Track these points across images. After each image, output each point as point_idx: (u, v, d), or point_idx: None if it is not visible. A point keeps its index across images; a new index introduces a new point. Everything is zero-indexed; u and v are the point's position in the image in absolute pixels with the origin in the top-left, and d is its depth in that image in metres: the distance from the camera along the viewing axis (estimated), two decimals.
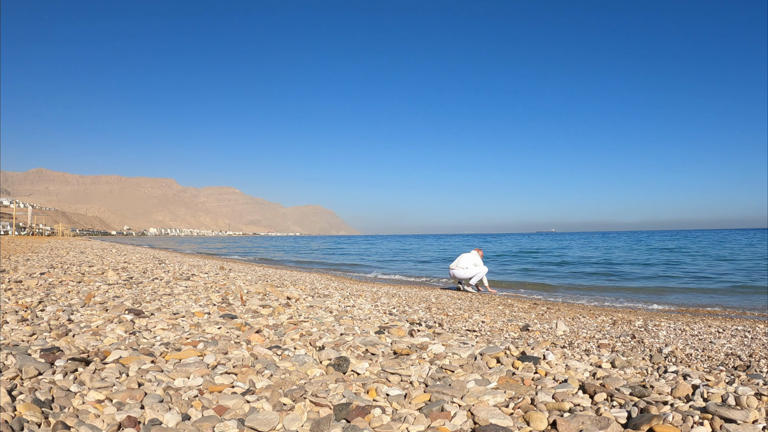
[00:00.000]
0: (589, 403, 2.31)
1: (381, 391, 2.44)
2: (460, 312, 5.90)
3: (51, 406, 2.06)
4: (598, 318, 5.81)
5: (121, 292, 5.32)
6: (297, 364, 2.81)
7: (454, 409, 2.21)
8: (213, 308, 4.54)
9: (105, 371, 2.49)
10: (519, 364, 2.93)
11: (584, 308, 7.27)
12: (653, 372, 2.92)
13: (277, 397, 2.29)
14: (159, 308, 4.43)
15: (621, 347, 3.92)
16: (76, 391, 2.23)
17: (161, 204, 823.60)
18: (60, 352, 2.77)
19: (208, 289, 6.02)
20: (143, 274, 7.77)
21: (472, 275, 9.30)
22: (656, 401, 2.28)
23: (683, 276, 13.43)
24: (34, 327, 3.39)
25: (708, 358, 3.52)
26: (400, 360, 3.00)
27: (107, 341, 3.14)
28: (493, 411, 2.17)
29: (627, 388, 2.46)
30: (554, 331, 4.62)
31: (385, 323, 4.42)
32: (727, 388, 2.45)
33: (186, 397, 2.26)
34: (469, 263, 9.34)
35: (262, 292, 5.89)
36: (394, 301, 6.65)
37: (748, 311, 7.35)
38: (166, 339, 3.29)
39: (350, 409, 2.15)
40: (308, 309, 4.91)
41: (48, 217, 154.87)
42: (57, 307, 4.17)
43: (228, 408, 2.16)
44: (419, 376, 2.70)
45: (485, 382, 2.57)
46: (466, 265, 9.33)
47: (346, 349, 3.19)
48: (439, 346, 3.33)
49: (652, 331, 4.84)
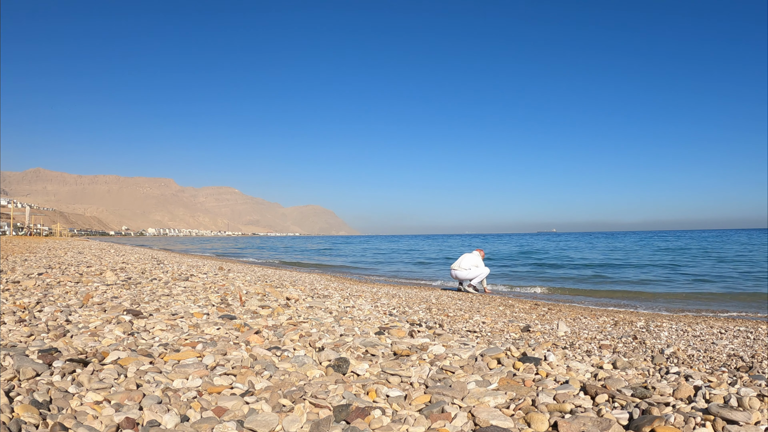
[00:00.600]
0: (591, 405, 2.31)
1: (381, 392, 2.44)
2: (460, 313, 5.90)
3: (49, 408, 2.06)
4: (599, 319, 5.81)
5: (120, 293, 5.32)
6: (296, 365, 2.81)
7: (455, 410, 2.21)
8: (212, 309, 4.54)
9: (103, 372, 2.49)
10: (520, 365, 2.93)
11: (585, 309, 7.27)
12: (655, 373, 2.92)
13: (277, 399, 2.29)
14: (157, 309, 4.43)
15: (622, 348, 3.92)
16: (74, 393, 2.23)
17: (160, 204, 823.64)
18: (58, 353, 2.77)
19: (206, 289, 6.02)
20: (142, 274, 7.77)
21: (474, 276, 9.32)
22: (658, 402, 2.28)
23: (687, 277, 13.43)
24: (31, 328, 3.39)
25: (710, 359, 3.52)
26: (400, 361, 3.00)
27: (105, 342, 3.14)
28: (494, 412, 2.17)
29: (629, 390, 2.46)
30: (555, 332, 4.62)
31: (385, 324, 4.42)
32: (730, 389, 2.45)
33: (185, 399, 2.26)
34: (471, 264, 9.35)
35: (262, 293, 5.89)
36: (394, 302, 6.64)
37: (750, 312, 7.35)
38: (164, 340, 3.29)
39: (350, 411, 2.15)
40: (308, 310, 4.91)
41: (46, 217, 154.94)
42: (55, 308, 4.17)
43: (227, 409, 2.16)
44: (419, 377, 2.70)
45: (486, 384, 2.57)
46: (468, 266, 9.35)
47: (345, 350, 3.19)
48: (440, 347, 3.33)
49: (653, 332, 4.84)
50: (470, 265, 9.35)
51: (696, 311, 7.41)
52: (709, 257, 20.98)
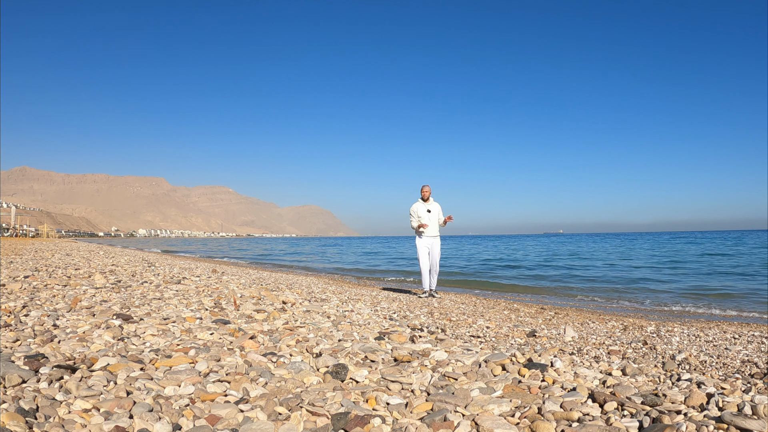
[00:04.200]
0: (599, 413, 2.31)
1: (381, 399, 2.44)
2: (463, 317, 5.90)
3: (35, 416, 2.06)
4: (608, 323, 5.81)
5: (109, 297, 5.32)
6: (293, 371, 2.81)
7: (458, 418, 2.21)
8: (205, 313, 4.54)
9: (92, 379, 2.49)
10: (525, 371, 2.93)
11: (593, 313, 7.27)
12: (666, 380, 2.92)
13: (272, 407, 2.29)
14: (148, 313, 4.43)
15: (632, 354, 3.91)
16: (62, 400, 2.23)
17: (151, 204, 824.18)
18: (45, 359, 2.77)
19: (200, 293, 6.02)
20: (132, 277, 7.78)
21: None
22: (669, 410, 2.28)
23: (700, 279, 13.43)
24: (17, 333, 3.39)
25: (723, 366, 3.52)
26: (400, 367, 3.00)
27: (94, 347, 3.14)
28: (499, 421, 2.17)
29: (638, 397, 2.46)
30: (562, 337, 4.62)
31: (385, 329, 4.42)
32: (744, 396, 2.45)
33: (177, 407, 2.26)
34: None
35: (257, 296, 5.89)
36: (395, 306, 6.65)
37: (765, 315, 7.35)
38: (155, 345, 3.29)
39: (348, 419, 2.15)
40: (305, 314, 4.91)
41: (32, 217, 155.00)
42: (42, 312, 4.17)
43: (221, 417, 2.16)
44: (421, 384, 2.70)
45: (490, 391, 2.58)
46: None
47: (344, 356, 3.20)
48: (442, 352, 3.33)
49: (664, 337, 4.84)
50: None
51: (708, 315, 7.41)
52: (725, 259, 20.99)
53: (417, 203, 8.28)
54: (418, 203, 8.27)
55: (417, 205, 8.25)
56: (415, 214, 8.20)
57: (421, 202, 8.26)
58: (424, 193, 8.23)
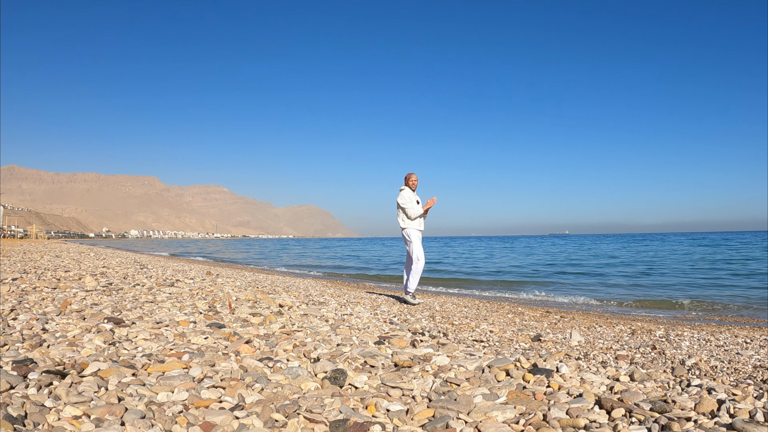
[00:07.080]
0: (606, 420, 2.31)
1: (381, 406, 2.44)
2: (466, 321, 5.90)
3: (24, 423, 2.06)
4: (615, 327, 5.82)
5: (100, 300, 5.32)
6: (290, 377, 2.81)
7: (460, 425, 2.21)
8: (199, 317, 4.54)
9: (82, 385, 2.49)
10: (530, 377, 2.93)
11: (600, 317, 7.28)
12: (675, 385, 2.92)
13: (269, 413, 2.29)
14: (141, 317, 4.43)
15: (640, 359, 3.92)
16: (51, 407, 2.23)
17: (143, 204, 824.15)
18: (34, 364, 2.77)
19: (194, 296, 6.03)
20: (124, 279, 7.78)
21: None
22: (678, 417, 2.28)
23: (712, 281, 13.43)
24: (5, 337, 3.39)
25: (735, 371, 3.52)
26: (401, 373, 3.00)
27: (85, 352, 3.14)
28: (502, 428, 2.17)
29: (647, 403, 2.47)
30: (568, 341, 4.62)
31: (385, 333, 4.43)
32: (756, 403, 2.45)
33: (170, 413, 2.26)
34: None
35: (253, 299, 5.89)
36: (395, 309, 6.65)
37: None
38: (148, 350, 3.30)
39: (347, 426, 2.15)
40: (302, 317, 4.91)
41: (21, 218, 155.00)
42: (30, 316, 4.18)
43: (215, 425, 2.16)
44: (422, 390, 2.70)
45: (493, 397, 2.58)
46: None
47: (343, 361, 3.20)
48: (444, 357, 3.34)
49: (674, 341, 4.84)
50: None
51: (719, 319, 7.41)
52: (733, 261, 20.98)
53: (407, 191, 7.41)
54: (407, 191, 7.41)
55: (410, 194, 7.40)
56: (411, 203, 7.33)
57: (410, 191, 7.42)
58: (413, 182, 7.42)
